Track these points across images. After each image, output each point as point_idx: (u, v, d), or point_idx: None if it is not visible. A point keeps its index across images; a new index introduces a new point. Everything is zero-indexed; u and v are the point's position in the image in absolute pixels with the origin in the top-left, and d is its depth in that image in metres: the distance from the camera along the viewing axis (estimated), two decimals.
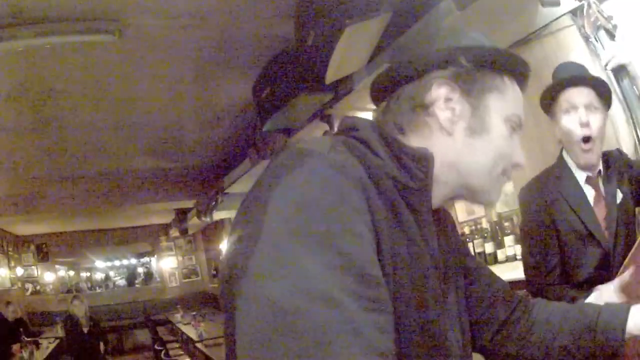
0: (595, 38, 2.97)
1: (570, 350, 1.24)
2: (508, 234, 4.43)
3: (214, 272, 14.39)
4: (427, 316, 0.99)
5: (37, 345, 7.84)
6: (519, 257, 4.06)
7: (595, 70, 2.98)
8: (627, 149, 2.95)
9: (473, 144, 1.07)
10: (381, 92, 1.16)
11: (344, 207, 0.82)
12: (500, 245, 4.50)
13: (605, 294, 1.67)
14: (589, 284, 2.06)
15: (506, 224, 4.47)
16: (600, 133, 2.20)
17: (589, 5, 2.80)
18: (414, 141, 1.08)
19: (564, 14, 3.23)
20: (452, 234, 1.28)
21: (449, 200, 1.16)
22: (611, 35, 2.74)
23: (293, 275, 0.74)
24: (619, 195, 2.28)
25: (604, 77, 2.66)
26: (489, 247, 4.57)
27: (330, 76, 3.50)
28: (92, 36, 3.59)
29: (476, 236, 4.71)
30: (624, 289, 1.68)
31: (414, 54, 1.14)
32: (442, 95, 1.05)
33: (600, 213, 2.24)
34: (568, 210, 2.22)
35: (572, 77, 2.22)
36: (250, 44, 4.08)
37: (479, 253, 4.55)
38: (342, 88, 4.07)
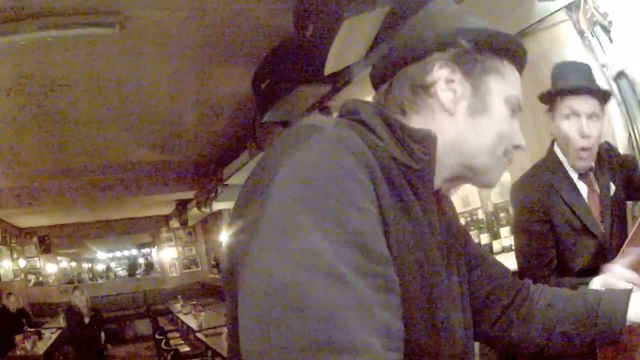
0: (591, 33, 2.97)
1: (571, 336, 1.25)
2: (504, 225, 4.42)
3: (214, 263, 14.44)
4: (430, 298, 0.99)
5: (40, 335, 7.85)
6: (513, 248, 4.11)
7: (590, 64, 3.02)
8: (622, 149, 2.97)
9: (475, 123, 1.08)
10: (381, 75, 1.16)
11: (350, 182, 0.82)
12: (495, 236, 4.51)
13: (609, 278, 1.59)
14: (585, 275, 2.01)
15: (502, 214, 4.46)
16: (598, 141, 2.21)
17: (585, 1, 2.81)
18: (416, 122, 1.08)
19: (560, 9, 3.23)
20: (454, 219, 1.27)
21: (449, 182, 1.15)
22: (607, 31, 2.75)
23: (298, 250, 0.72)
24: (612, 188, 2.28)
25: (598, 71, 2.68)
26: (484, 238, 4.58)
27: (329, 68, 3.51)
28: (94, 29, 3.61)
29: (472, 227, 4.70)
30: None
31: (414, 36, 1.12)
32: (443, 77, 1.06)
33: (595, 207, 2.23)
34: (562, 205, 2.20)
35: (578, 87, 2.18)
36: (249, 36, 4.10)
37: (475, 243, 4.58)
38: (340, 80, 4.09)
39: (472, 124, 1.07)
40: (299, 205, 0.77)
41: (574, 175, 2.25)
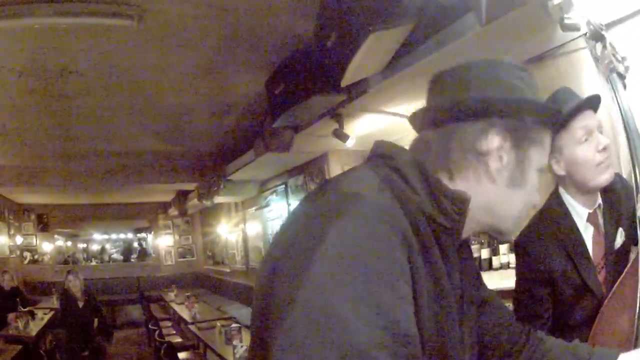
0: (607, 80, 2.96)
1: None
2: (503, 242, 4.47)
3: (209, 254, 14.49)
4: (443, 349, 1.01)
5: (32, 315, 7.88)
6: (512, 265, 4.11)
7: (604, 93, 3.02)
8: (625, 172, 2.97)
9: (511, 194, 1.11)
10: (429, 122, 1.15)
11: (391, 266, 0.85)
12: (495, 252, 4.55)
13: None
14: (580, 327, 2.04)
15: None
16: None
17: (604, 47, 2.79)
18: (460, 183, 1.09)
19: (579, 36, 3.21)
20: (470, 264, 1.30)
21: (472, 233, 1.19)
22: (622, 78, 2.73)
23: (334, 328, 0.74)
24: (620, 236, 2.18)
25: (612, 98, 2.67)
26: (484, 253, 4.59)
27: (348, 79, 3.52)
28: (112, 20, 3.60)
29: (474, 241, 4.71)
30: None
31: (473, 94, 1.10)
32: (496, 145, 1.07)
33: (599, 251, 2.15)
34: (565, 260, 2.11)
35: (592, 99, 2.13)
36: (268, 38, 4.08)
37: (475, 258, 4.60)
38: (356, 90, 4.09)
39: (508, 194, 1.11)
40: (341, 283, 0.79)
41: (583, 217, 2.15)
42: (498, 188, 1.09)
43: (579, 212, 2.15)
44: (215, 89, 5.28)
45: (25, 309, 7.83)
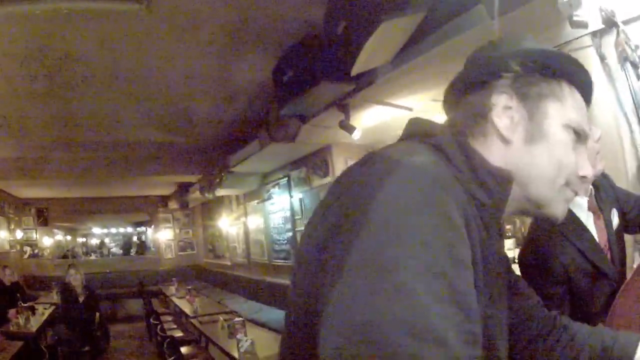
0: (621, 67, 2.95)
1: None
2: (508, 237, 4.48)
3: (210, 248, 14.47)
4: (489, 331, 0.98)
5: (33, 311, 7.82)
6: (515, 261, 4.10)
7: (609, 91, 3.03)
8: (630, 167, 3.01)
9: (531, 151, 1.04)
10: (449, 104, 1.18)
11: (452, 232, 0.79)
12: None
13: None
14: (601, 315, 2.05)
15: (508, 226, 4.47)
16: None
17: (618, 34, 2.77)
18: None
19: (585, 35, 3.28)
20: (502, 245, 1.26)
21: (513, 215, 1.14)
22: (635, 67, 2.72)
23: (401, 304, 0.68)
24: (614, 216, 2.28)
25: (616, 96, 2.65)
26: None
27: (358, 67, 3.49)
28: (120, 4, 3.54)
29: None
30: None
31: (476, 64, 1.13)
32: (500, 103, 1.05)
33: (602, 235, 2.21)
34: (575, 253, 2.13)
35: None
36: (275, 25, 4.02)
37: None
38: (364, 80, 4.04)
39: (528, 151, 1.04)
40: (402, 255, 0.73)
41: (584, 205, 2.21)
42: (514, 148, 1.04)
43: (579, 202, 2.21)
44: (220, 77, 5.25)
45: (26, 304, 7.77)
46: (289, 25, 4.05)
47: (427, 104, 5.23)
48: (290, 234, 8.80)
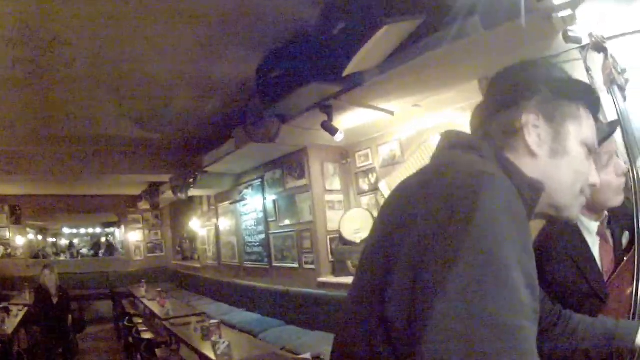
0: (608, 91, 3.01)
1: (590, 353, 1.59)
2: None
3: (178, 249, 14.35)
4: None
5: (8, 312, 7.68)
6: None
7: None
8: None
9: (556, 164, 1.22)
10: (478, 123, 1.32)
11: (527, 233, 0.95)
12: None
13: None
14: None
15: None
16: None
17: (606, 58, 2.86)
18: None
19: (574, 48, 3.40)
20: None
21: (534, 218, 1.26)
22: (622, 90, 2.79)
23: (510, 294, 0.82)
24: (625, 239, 2.28)
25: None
26: None
27: (350, 69, 3.49)
28: None
29: None
30: None
31: (504, 87, 1.30)
32: (530, 122, 1.21)
33: (607, 259, 2.21)
34: (575, 273, 2.17)
35: (613, 126, 2.13)
36: (265, 21, 3.98)
37: None
38: (351, 82, 4.03)
39: (553, 165, 1.22)
40: (504, 258, 0.86)
41: (594, 229, 2.23)
42: (540, 161, 1.21)
43: (589, 226, 2.25)
44: (200, 70, 5.19)
45: (1, 306, 7.62)
46: (275, 24, 4.01)
47: (408, 109, 5.27)
48: (262, 236, 8.76)
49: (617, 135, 2.72)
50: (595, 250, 2.22)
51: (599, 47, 2.92)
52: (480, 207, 0.89)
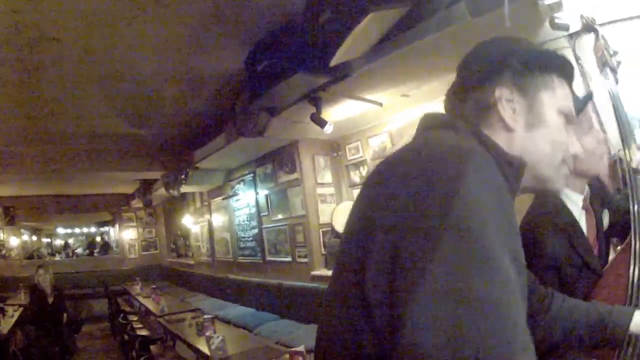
0: (600, 72, 3.03)
1: (584, 338, 1.58)
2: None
3: (173, 246, 14.34)
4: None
5: (3, 313, 7.68)
6: None
7: (580, 89, 3.21)
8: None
9: (533, 136, 1.20)
10: (452, 105, 1.30)
11: (510, 206, 0.95)
12: None
13: None
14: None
15: None
16: None
17: (597, 39, 2.87)
18: None
19: (563, 36, 3.41)
20: None
21: (519, 194, 1.24)
22: (614, 72, 2.80)
23: (496, 270, 0.81)
24: (606, 217, 2.37)
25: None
26: None
27: (338, 58, 3.47)
28: None
29: None
30: None
31: (474, 66, 1.28)
32: (503, 97, 1.19)
33: (592, 233, 2.29)
34: (567, 245, 2.21)
35: (589, 95, 2.24)
36: (249, 15, 3.97)
37: None
38: (339, 73, 4.02)
39: (530, 136, 1.20)
40: (488, 234, 0.85)
41: (579, 203, 2.30)
42: (518, 134, 1.19)
43: (574, 199, 2.31)
44: (189, 65, 5.17)
45: None
46: (263, 15, 4.00)
47: (396, 99, 5.26)
48: (255, 230, 8.77)
49: (611, 118, 2.77)
50: (583, 224, 2.28)
51: (590, 28, 2.93)
52: (461, 182, 0.88)
